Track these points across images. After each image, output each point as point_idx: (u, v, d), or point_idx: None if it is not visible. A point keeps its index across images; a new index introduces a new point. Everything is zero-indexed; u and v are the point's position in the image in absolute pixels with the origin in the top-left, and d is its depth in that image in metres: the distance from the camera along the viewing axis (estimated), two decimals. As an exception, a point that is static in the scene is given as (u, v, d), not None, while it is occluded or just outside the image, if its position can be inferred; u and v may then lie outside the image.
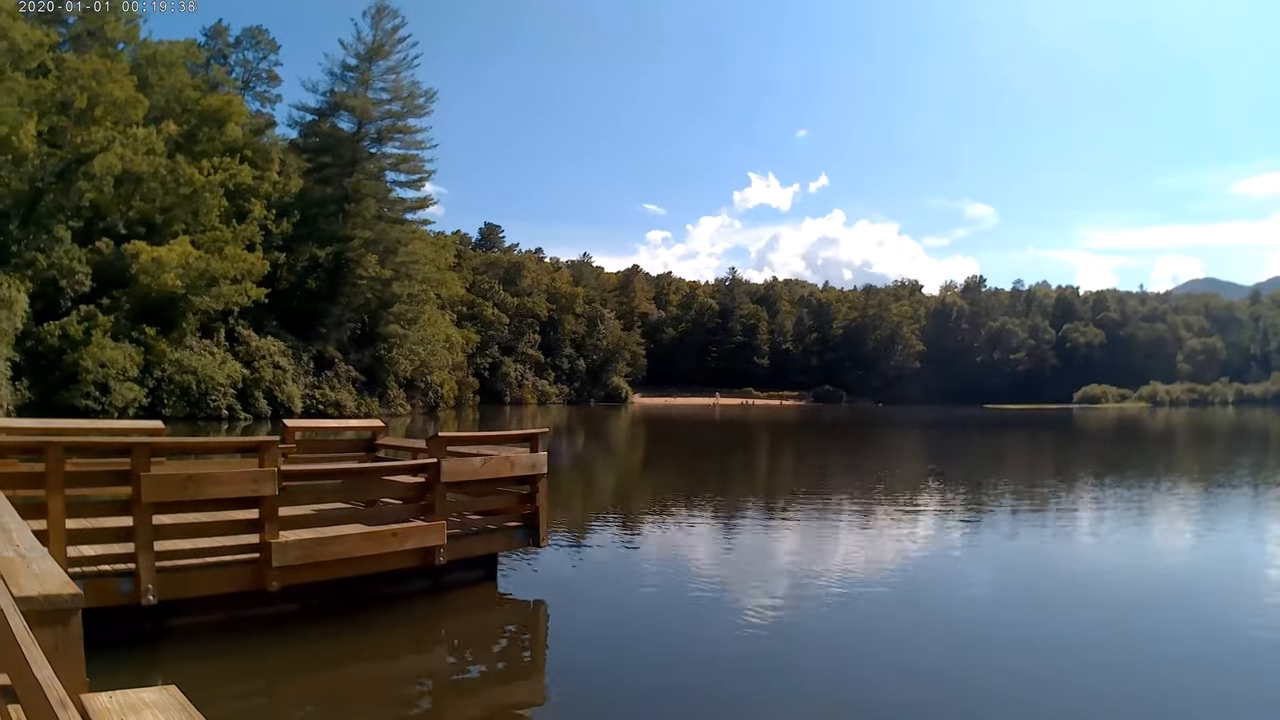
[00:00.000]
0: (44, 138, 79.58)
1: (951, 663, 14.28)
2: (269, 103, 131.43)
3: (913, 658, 14.51)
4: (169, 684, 3.90)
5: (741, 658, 14.26)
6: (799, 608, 17.61)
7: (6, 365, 69.04)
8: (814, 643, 15.21)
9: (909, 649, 14.94)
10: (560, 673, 14.00)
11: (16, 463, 14.33)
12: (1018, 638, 15.76)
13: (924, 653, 14.75)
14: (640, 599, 18.53)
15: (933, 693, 12.84)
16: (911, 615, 17.11)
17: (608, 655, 14.64)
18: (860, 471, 48.75)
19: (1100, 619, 17.00)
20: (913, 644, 15.26)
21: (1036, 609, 18.07)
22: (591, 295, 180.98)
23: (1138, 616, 17.38)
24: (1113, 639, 15.64)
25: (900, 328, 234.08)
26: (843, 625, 16.42)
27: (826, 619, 16.78)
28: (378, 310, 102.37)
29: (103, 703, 3.57)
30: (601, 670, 13.86)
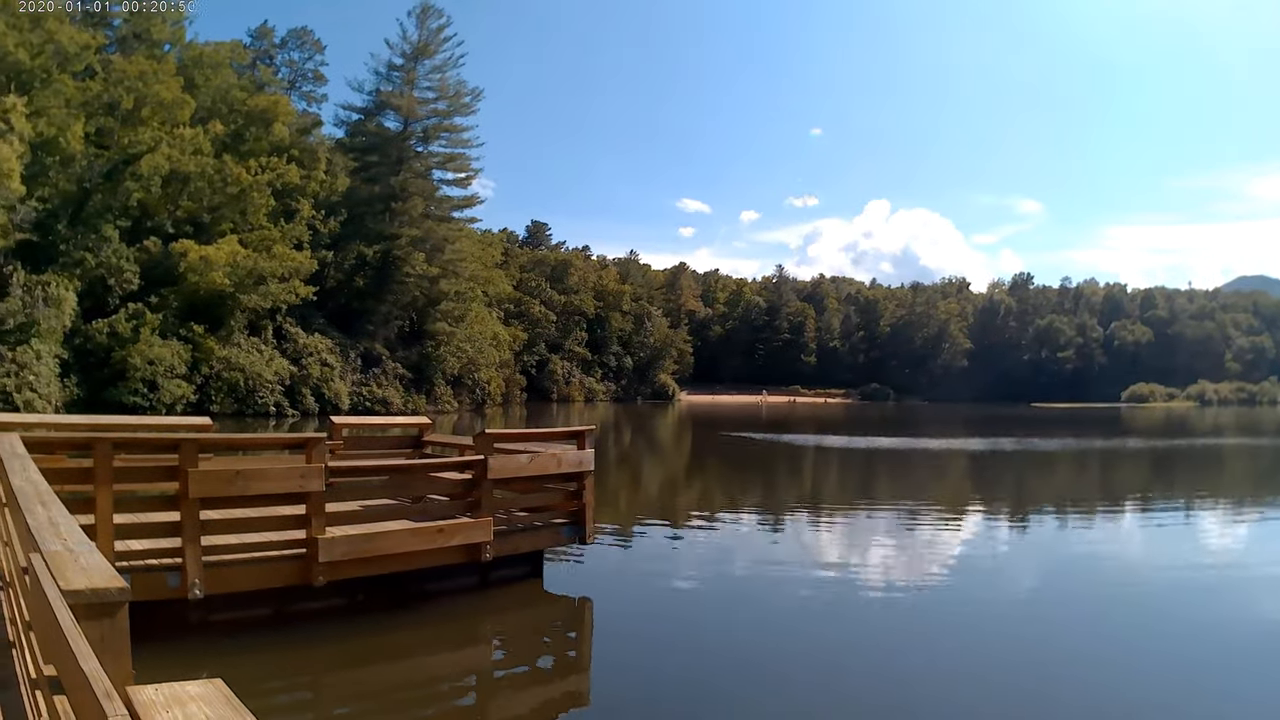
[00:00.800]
0: (91, 139, 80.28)
1: (987, 665, 14.26)
2: (315, 102, 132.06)
3: (957, 660, 14.46)
4: (214, 677, 3.91)
5: (787, 659, 14.25)
6: (847, 608, 17.57)
7: (55, 362, 69.52)
8: (860, 644, 15.17)
9: (950, 650, 14.86)
10: (605, 670, 14.02)
11: (65, 458, 14.42)
12: (1068, 644, 15.70)
13: (967, 655, 14.69)
14: (687, 597, 18.52)
15: (966, 696, 12.81)
16: (951, 616, 17.05)
17: (653, 653, 14.62)
18: (909, 473, 48.63)
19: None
20: (953, 645, 15.19)
21: (1071, 610, 18.02)
22: (638, 293, 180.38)
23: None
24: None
25: (947, 325, 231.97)
26: (888, 626, 16.33)
27: (871, 621, 16.82)
28: (425, 308, 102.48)
29: (148, 695, 3.59)
30: (647, 668, 13.84)
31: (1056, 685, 13.10)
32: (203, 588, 13.03)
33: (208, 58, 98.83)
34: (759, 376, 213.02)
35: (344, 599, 15.12)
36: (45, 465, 10.55)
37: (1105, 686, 13.02)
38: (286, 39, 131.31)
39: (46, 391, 66.36)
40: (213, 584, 13.21)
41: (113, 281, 76.62)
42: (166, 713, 3.47)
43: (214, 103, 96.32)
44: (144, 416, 56.50)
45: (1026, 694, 12.87)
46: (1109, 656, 14.50)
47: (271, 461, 16.94)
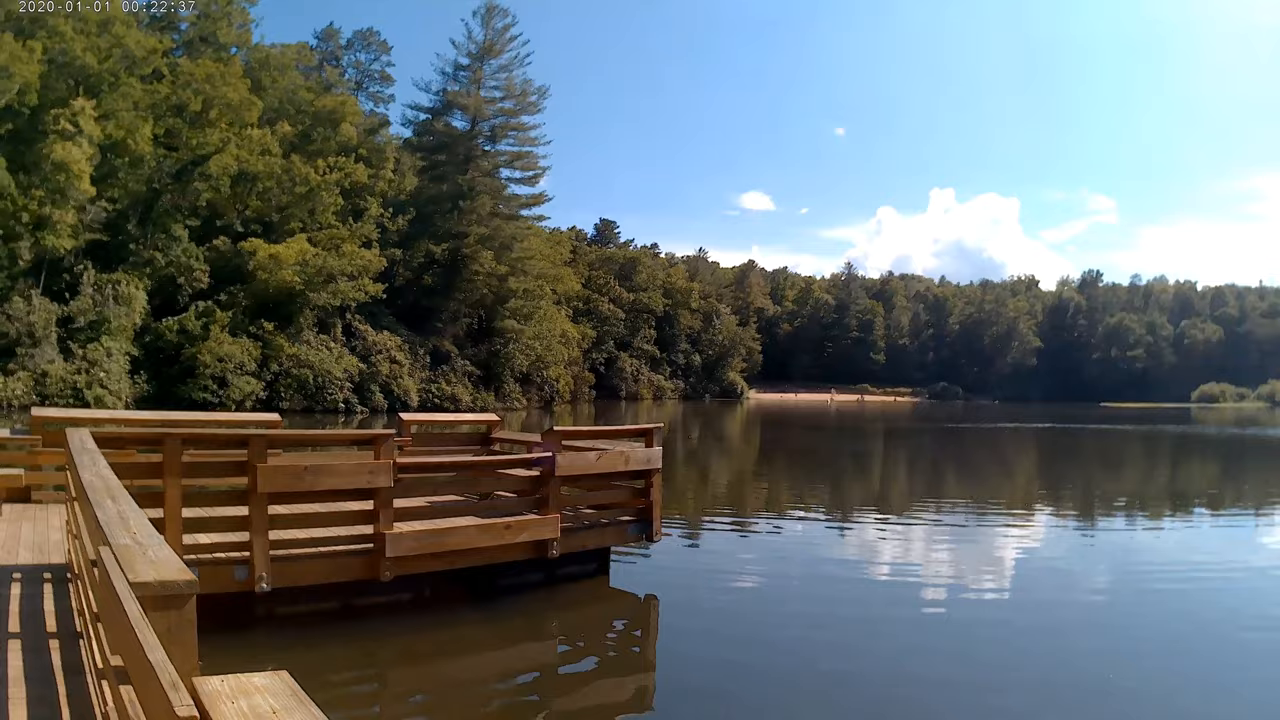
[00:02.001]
0: (160, 140, 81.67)
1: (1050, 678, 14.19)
2: (382, 103, 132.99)
3: (1034, 667, 14.37)
4: (280, 669, 3.94)
5: (854, 660, 14.16)
6: (915, 610, 17.47)
7: (126, 359, 70.47)
8: (931, 648, 14.93)
9: (1026, 656, 14.76)
10: (670, 668, 13.97)
11: (135, 453, 14.55)
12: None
13: (1044, 662, 14.59)
14: (753, 596, 18.50)
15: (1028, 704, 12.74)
16: (1025, 621, 16.96)
17: (718, 652, 14.53)
18: (979, 475, 48.46)
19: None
20: (1032, 650, 15.08)
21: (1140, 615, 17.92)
22: (707, 290, 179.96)
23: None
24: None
25: (1016, 323, 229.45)
26: (960, 630, 16.18)
27: (943, 624, 16.73)
28: (493, 306, 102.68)
29: (214, 686, 3.63)
30: (712, 667, 13.75)
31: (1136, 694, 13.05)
32: (270, 581, 13.12)
33: (274, 60, 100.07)
34: (828, 375, 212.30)
35: (410, 594, 15.17)
36: (115, 460, 10.65)
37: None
38: (352, 40, 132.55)
39: (117, 388, 67.24)
40: (280, 578, 13.31)
41: (182, 280, 77.74)
42: (232, 703, 3.51)
43: (281, 104, 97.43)
44: (214, 413, 56.93)
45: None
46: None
47: (340, 457, 17.08)
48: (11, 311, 67.59)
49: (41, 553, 13.21)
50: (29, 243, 69.34)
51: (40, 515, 16.03)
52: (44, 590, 11.21)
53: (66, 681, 7.84)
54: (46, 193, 68.74)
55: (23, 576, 11.80)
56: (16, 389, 64.41)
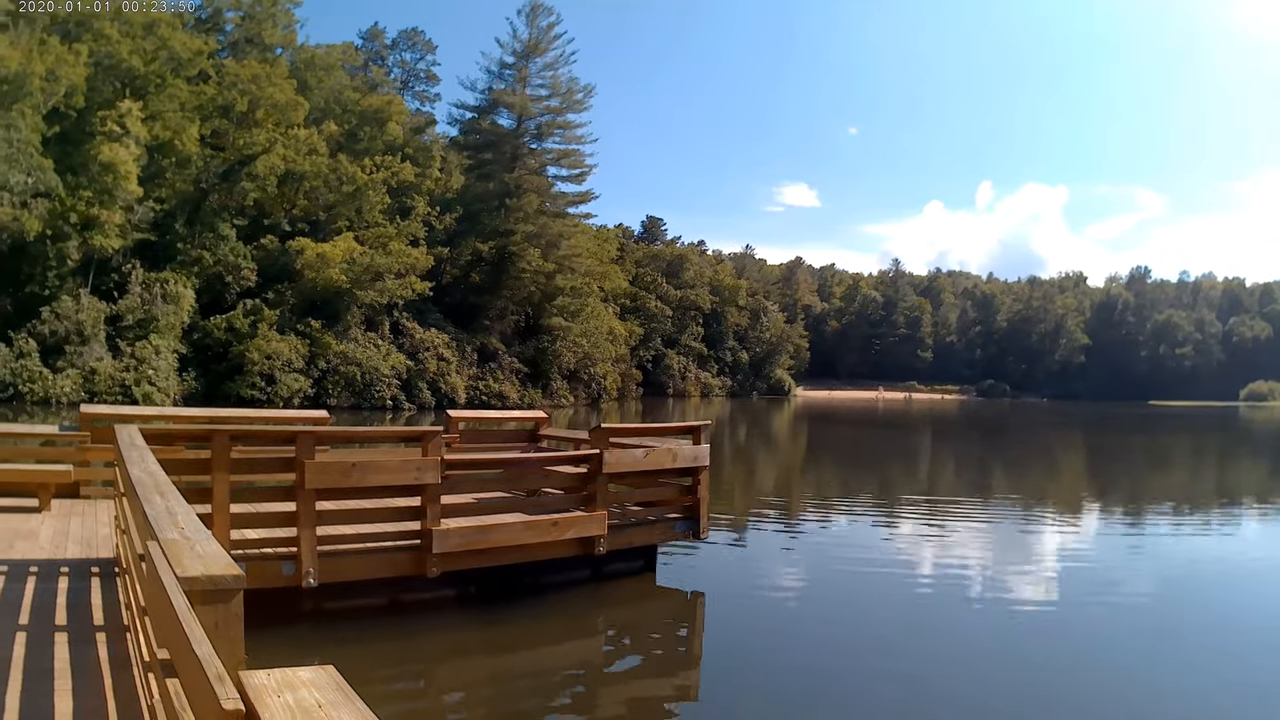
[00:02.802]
0: (207, 141, 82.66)
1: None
2: (428, 101, 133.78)
3: (1095, 674, 14.31)
4: (326, 664, 3.95)
5: (902, 660, 14.08)
6: (964, 611, 17.39)
7: (174, 357, 70.98)
8: (983, 650, 14.90)
9: (1062, 660, 14.65)
10: (716, 666, 13.97)
11: (183, 450, 14.64)
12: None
13: (1074, 667, 14.51)
14: (799, 595, 18.49)
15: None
16: (1082, 625, 16.88)
17: (765, 650, 14.54)
18: (1027, 472, 48.35)
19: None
20: (1087, 656, 15.00)
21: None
22: (754, 288, 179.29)
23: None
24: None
25: (1064, 320, 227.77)
26: (1013, 632, 16.05)
27: (994, 626, 16.59)
28: (541, 303, 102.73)
29: (260, 679, 3.63)
30: (758, 665, 13.75)
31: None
32: (316, 576, 13.20)
33: (320, 60, 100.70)
34: (875, 372, 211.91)
35: (456, 590, 15.25)
36: (164, 456, 10.72)
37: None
38: (398, 40, 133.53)
39: (165, 385, 67.70)
40: (327, 573, 13.39)
41: (230, 278, 78.28)
42: (278, 697, 3.51)
43: (327, 104, 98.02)
44: (261, 410, 57.25)
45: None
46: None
47: (388, 454, 17.09)
48: (60, 310, 68.20)
49: (89, 547, 13.32)
50: (77, 242, 69.91)
51: (89, 511, 16.16)
52: (91, 584, 11.31)
53: (113, 674, 7.93)
54: (94, 193, 69.30)
55: (70, 571, 11.91)
56: (65, 386, 64.90)
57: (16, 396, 63.34)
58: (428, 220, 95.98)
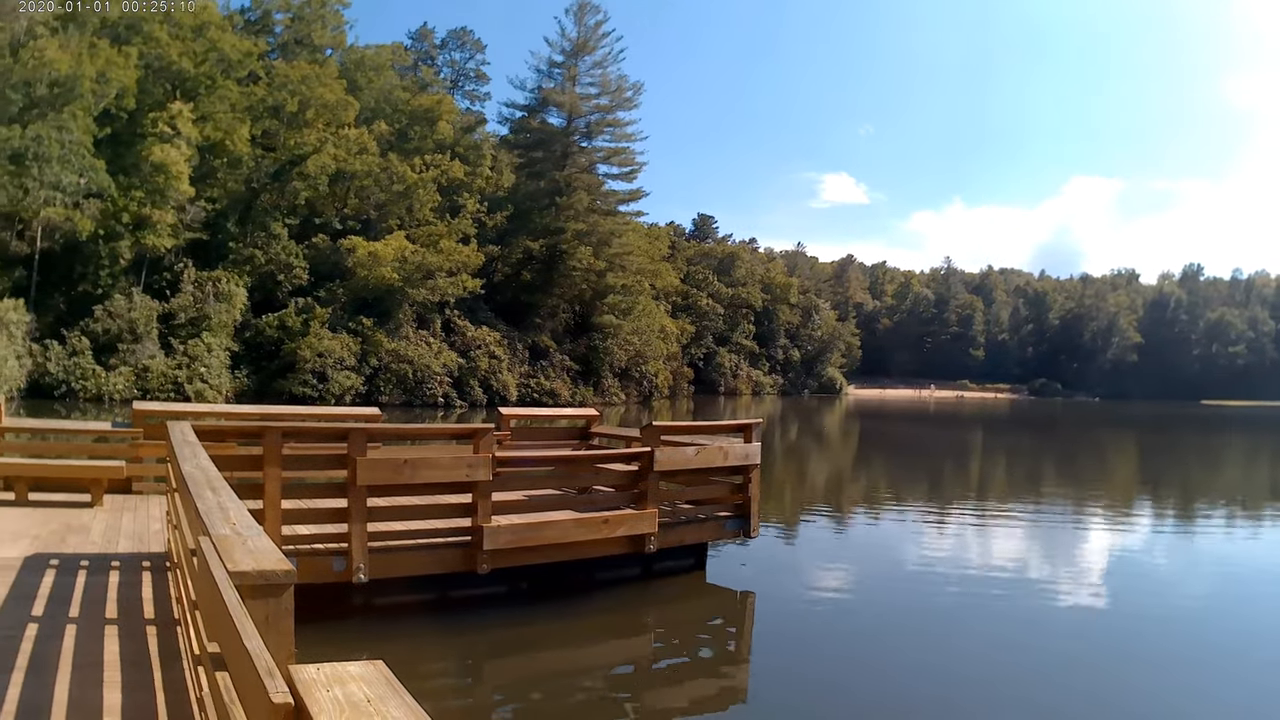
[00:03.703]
0: (258, 141, 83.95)
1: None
2: (478, 101, 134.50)
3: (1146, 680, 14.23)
4: (376, 659, 3.93)
5: (949, 662, 14.01)
6: (1018, 613, 17.18)
7: (226, 354, 71.76)
8: (1034, 654, 14.62)
9: (1108, 661, 14.51)
10: (765, 666, 13.92)
11: (235, 446, 14.73)
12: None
13: (1126, 673, 14.44)
14: (850, 594, 18.42)
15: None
16: (1105, 626, 16.81)
17: (814, 651, 14.52)
18: (1078, 473, 48.11)
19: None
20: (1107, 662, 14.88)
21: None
22: (806, 285, 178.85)
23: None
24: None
25: (1116, 318, 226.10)
26: (1072, 635, 15.81)
27: (1050, 629, 16.33)
28: (592, 301, 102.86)
29: (309, 674, 3.62)
30: (806, 665, 13.73)
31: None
32: (367, 572, 13.26)
33: (369, 60, 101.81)
34: (926, 370, 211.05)
35: (506, 587, 15.27)
36: (216, 452, 10.76)
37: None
38: (447, 40, 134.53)
39: (217, 382, 68.36)
40: (377, 569, 13.45)
41: (282, 277, 79.09)
42: (327, 691, 3.50)
43: (377, 103, 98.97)
44: (313, 407, 57.53)
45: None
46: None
47: (439, 451, 17.13)
48: (113, 308, 69.10)
49: (141, 542, 13.44)
50: (129, 242, 70.91)
51: (140, 506, 16.30)
52: (142, 578, 11.41)
53: (162, 667, 8.00)
54: (146, 193, 70.22)
55: (121, 565, 12.03)
56: (118, 383, 65.64)
57: (70, 393, 64.02)
58: (478, 219, 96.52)
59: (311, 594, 10.96)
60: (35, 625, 9.21)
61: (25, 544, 12.94)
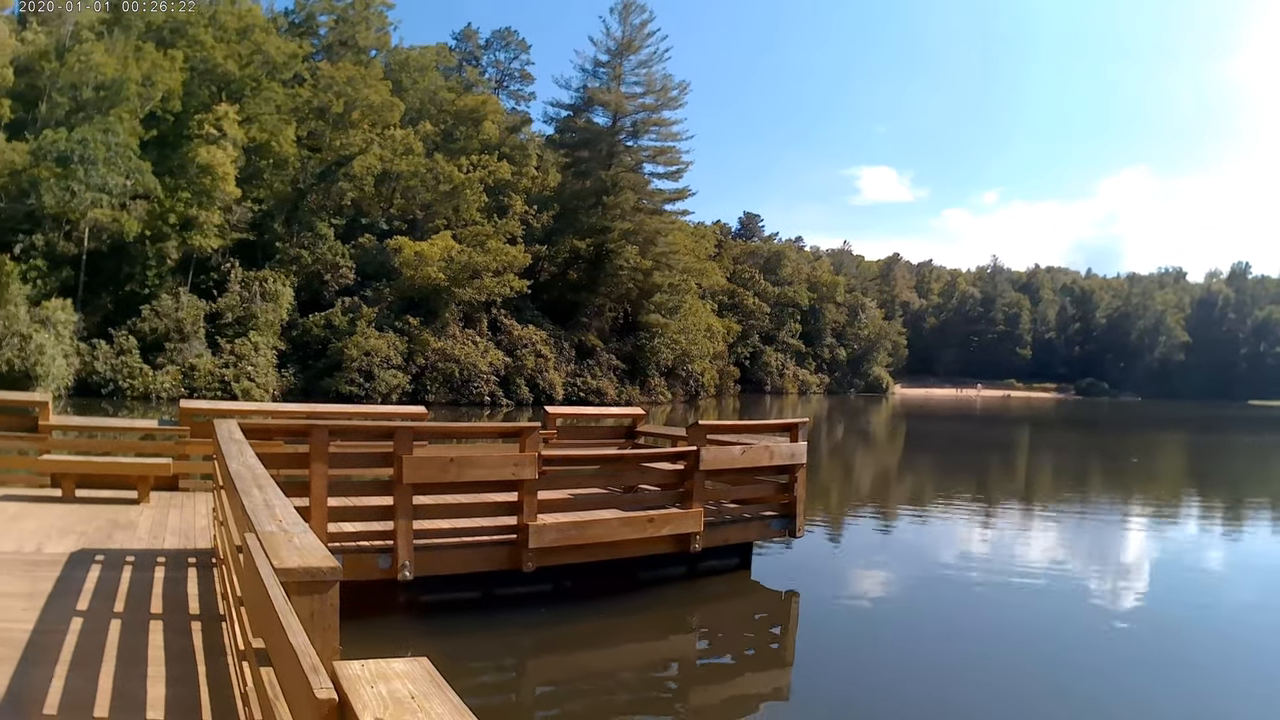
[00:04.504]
0: (303, 142, 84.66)
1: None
2: (523, 101, 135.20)
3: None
4: (420, 656, 3.94)
5: (994, 665, 13.97)
6: (1062, 616, 17.06)
7: (273, 353, 72.24)
8: (1078, 656, 14.55)
9: (1145, 667, 14.47)
10: (808, 666, 13.94)
11: (282, 444, 14.81)
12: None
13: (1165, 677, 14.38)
14: (895, 596, 18.36)
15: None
16: (1151, 632, 16.66)
17: (858, 651, 14.53)
18: (1123, 473, 47.91)
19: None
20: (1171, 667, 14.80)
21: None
22: (852, 284, 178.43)
23: None
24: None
25: (1163, 317, 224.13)
26: (1115, 637, 15.84)
27: (1090, 630, 16.22)
28: (638, 300, 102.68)
29: (354, 670, 3.63)
30: (850, 666, 13.76)
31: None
32: (412, 569, 13.34)
33: (414, 61, 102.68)
34: (973, 369, 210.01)
35: (551, 585, 15.29)
36: (262, 450, 10.81)
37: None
38: (491, 40, 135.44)
39: (264, 381, 68.86)
40: (422, 566, 13.53)
41: (329, 276, 79.69)
42: (371, 688, 3.51)
43: (423, 104, 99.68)
44: (360, 405, 57.78)
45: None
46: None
47: (485, 449, 17.17)
48: (160, 308, 69.82)
49: (187, 538, 13.51)
50: (176, 242, 71.73)
51: (187, 503, 16.40)
52: (188, 574, 11.48)
53: (207, 662, 8.06)
54: (192, 194, 71.06)
55: (167, 561, 12.11)
56: (165, 382, 66.24)
57: (117, 392, 64.61)
58: (525, 218, 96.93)
59: (357, 591, 11.05)
60: (80, 620, 9.28)
61: (72, 540, 13.03)
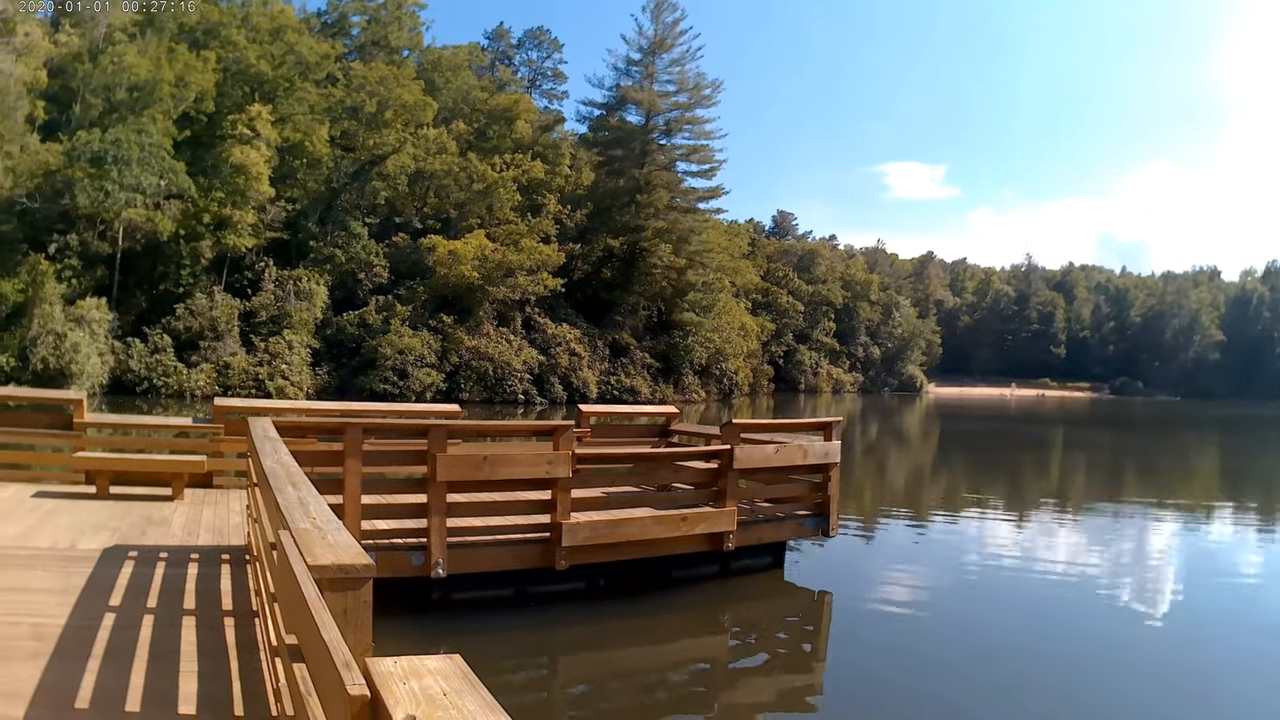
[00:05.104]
0: (337, 142, 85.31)
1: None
2: (556, 100, 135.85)
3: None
4: (453, 653, 3.94)
5: (1030, 669, 13.86)
6: (1094, 618, 17.06)
7: (307, 352, 72.59)
8: (1110, 660, 14.46)
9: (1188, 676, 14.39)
10: (840, 666, 13.95)
11: (316, 442, 14.88)
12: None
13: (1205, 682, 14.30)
14: (928, 598, 18.26)
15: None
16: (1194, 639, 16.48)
17: (890, 652, 14.44)
18: (1159, 474, 47.77)
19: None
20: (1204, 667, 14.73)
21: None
22: (886, 282, 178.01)
23: None
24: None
25: (1198, 316, 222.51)
26: (1153, 642, 15.81)
27: (1124, 634, 16.14)
28: (672, 298, 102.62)
29: (386, 667, 3.64)
30: (883, 668, 13.66)
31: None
32: (445, 567, 13.41)
33: (446, 61, 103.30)
34: (1007, 368, 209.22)
35: (584, 583, 15.35)
36: (296, 448, 10.85)
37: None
38: (523, 40, 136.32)
39: (298, 379, 69.26)
40: (455, 564, 13.60)
41: (362, 275, 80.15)
42: (403, 684, 3.52)
43: (456, 103, 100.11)
44: (394, 403, 57.95)
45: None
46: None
47: (519, 448, 17.21)
48: (195, 307, 70.39)
49: (220, 535, 13.58)
50: (210, 242, 72.26)
51: (221, 500, 16.49)
52: (221, 571, 11.55)
53: (239, 658, 8.11)
54: (226, 194, 71.66)
55: (200, 557, 12.18)
56: (200, 380, 66.76)
57: (151, 390, 65.04)
58: (558, 217, 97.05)
59: (390, 588, 11.10)
60: (113, 615, 9.35)
61: (106, 536, 13.11)
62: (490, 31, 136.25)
